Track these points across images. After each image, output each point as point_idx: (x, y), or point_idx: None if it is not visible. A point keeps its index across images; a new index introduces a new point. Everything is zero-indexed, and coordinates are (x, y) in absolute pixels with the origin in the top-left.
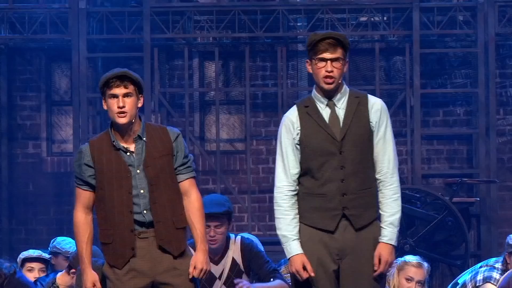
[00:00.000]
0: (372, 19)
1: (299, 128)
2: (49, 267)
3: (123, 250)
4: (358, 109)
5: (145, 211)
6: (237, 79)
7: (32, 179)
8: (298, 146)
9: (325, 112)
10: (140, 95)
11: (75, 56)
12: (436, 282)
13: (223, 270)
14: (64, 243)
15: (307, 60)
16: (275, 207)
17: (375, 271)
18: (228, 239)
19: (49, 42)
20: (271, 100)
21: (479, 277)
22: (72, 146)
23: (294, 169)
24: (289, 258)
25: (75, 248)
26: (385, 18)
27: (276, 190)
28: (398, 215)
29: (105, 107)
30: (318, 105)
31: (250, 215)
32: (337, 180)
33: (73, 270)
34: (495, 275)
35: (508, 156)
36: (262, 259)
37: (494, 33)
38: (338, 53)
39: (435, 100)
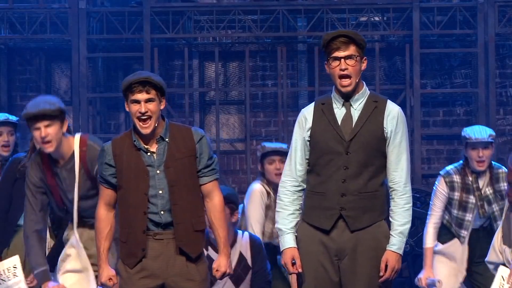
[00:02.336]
0: (372, 19)
1: (310, 124)
2: (19, 130)
3: (135, 250)
4: (373, 113)
5: (162, 212)
6: (237, 79)
7: None
8: (308, 143)
9: (340, 112)
10: (162, 98)
11: (75, 56)
12: None
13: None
14: None
15: (325, 62)
16: (277, 200)
17: (381, 276)
18: (235, 234)
19: (49, 42)
20: (271, 100)
21: None
22: None
23: (300, 165)
24: (282, 251)
25: None
26: (385, 18)
27: (280, 184)
28: (408, 225)
29: (127, 109)
30: (334, 104)
31: None
32: (338, 180)
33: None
34: (449, 167)
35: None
36: (264, 267)
37: (494, 33)
38: (351, 51)
39: (435, 100)
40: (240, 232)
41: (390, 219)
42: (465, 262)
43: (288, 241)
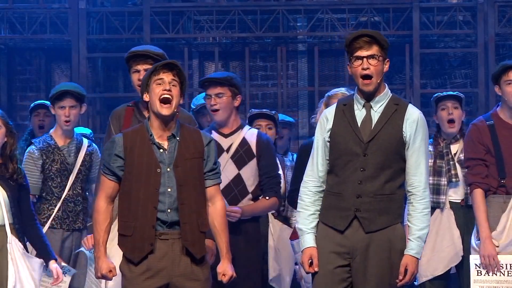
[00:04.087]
0: (372, 19)
1: (330, 125)
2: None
3: (142, 244)
4: (393, 116)
5: (169, 210)
6: None
7: None
8: (328, 143)
9: (360, 113)
10: (182, 92)
11: (75, 56)
12: None
13: (231, 144)
14: None
15: (348, 63)
16: (298, 200)
17: (400, 280)
18: (242, 124)
19: (49, 42)
20: (271, 100)
21: None
22: None
23: (321, 166)
24: (302, 250)
25: None
26: (385, 18)
27: (302, 184)
28: (427, 230)
29: (146, 99)
30: (355, 105)
31: None
32: (354, 181)
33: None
34: None
35: None
36: (272, 165)
37: (494, 33)
38: (374, 50)
39: None
40: (247, 126)
41: (408, 223)
42: (456, 230)
43: (307, 241)
